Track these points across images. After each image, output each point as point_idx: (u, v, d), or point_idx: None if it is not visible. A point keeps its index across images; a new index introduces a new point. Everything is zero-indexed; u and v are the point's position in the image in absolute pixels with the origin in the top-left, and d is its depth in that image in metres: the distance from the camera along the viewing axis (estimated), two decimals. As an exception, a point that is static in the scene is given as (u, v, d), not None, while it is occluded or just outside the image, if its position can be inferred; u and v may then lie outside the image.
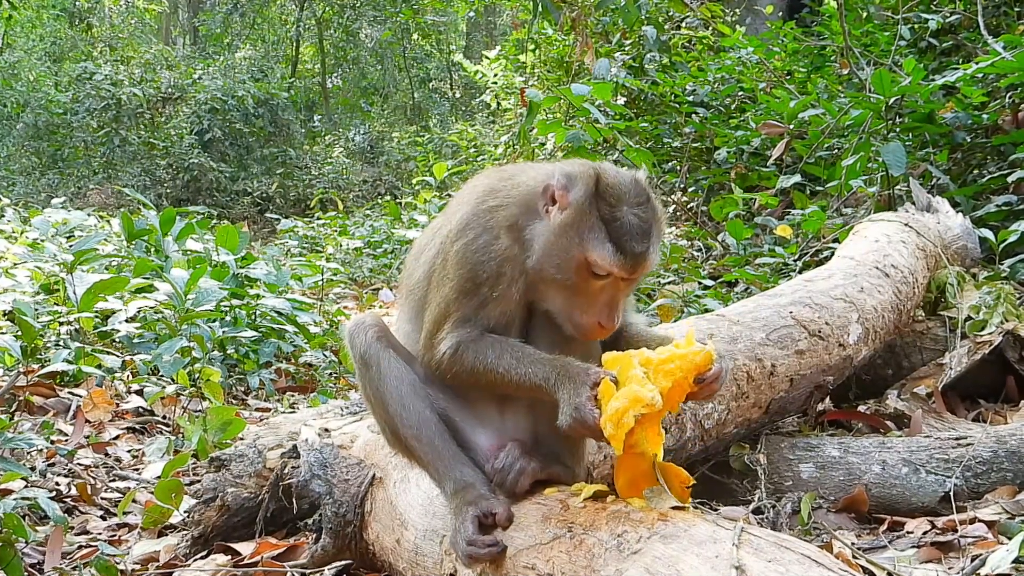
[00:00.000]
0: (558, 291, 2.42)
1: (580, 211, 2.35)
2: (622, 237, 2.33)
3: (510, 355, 2.41)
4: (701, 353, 2.29)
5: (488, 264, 2.44)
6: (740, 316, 3.94)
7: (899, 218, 5.30)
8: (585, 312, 2.39)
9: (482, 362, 2.44)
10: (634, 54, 10.88)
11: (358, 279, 11.14)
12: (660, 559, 2.00)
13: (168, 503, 3.84)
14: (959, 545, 3.20)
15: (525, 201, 2.46)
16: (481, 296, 2.46)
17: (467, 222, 2.49)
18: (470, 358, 2.45)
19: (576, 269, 2.36)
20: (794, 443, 3.90)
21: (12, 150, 21.92)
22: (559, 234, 2.37)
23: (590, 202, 2.35)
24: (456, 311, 2.48)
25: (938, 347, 4.82)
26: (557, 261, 2.38)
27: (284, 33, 27.41)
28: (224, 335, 5.92)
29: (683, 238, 8.41)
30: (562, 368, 2.33)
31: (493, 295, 2.46)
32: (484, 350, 2.44)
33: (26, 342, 5.27)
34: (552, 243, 2.38)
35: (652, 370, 2.26)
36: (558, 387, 2.31)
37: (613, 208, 2.35)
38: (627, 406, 2.19)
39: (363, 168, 23.40)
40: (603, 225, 2.34)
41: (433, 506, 2.76)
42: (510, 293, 2.46)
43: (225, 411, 4.55)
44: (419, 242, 2.77)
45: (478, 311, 2.47)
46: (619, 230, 2.34)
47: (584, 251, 2.34)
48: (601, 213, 2.35)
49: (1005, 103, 6.97)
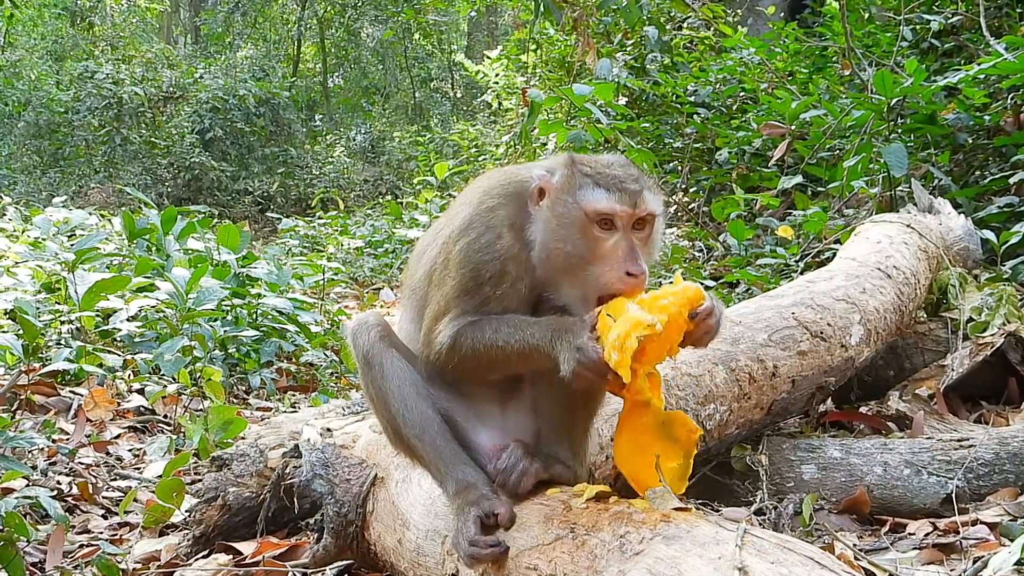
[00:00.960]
0: (573, 267, 2.42)
1: (567, 182, 2.43)
2: (612, 182, 2.42)
3: (506, 326, 2.43)
4: (692, 288, 2.32)
5: (491, 263, 2.46)
6: (742, 317, 3.94)
7: (901, 219, 5.29)
8: (608, 268, 2.39)
9: (480, 341, 2.45)
10: (636, 54, 10.88)
11: (359, 279, 11.14)
12: (663, 560, 2.00)
13: (169, 502, 3.84)
14: (961, 547, 3.19)
15: (520, 201, 2.50)
16: (483, 294, 2.47)
17: (469, 222, 2.51)
18: (468, 342, 2.47)
19: (582, 230, 2.39)
20: (796, 444, 3.89)
21: (13, 149, 21.90)
22: (554, 211, 2.43)
23: (572, 171, 2.45)
24: (456, 307, 2.50)
25: (940, 348, 4.82)
26: (562, 233, 2.41)
27: (286, 32, 27.41)
28: (225, 334, 5.92)
29: (684, 239, 8.40)
30: (557, 323, 2.36)
31: (496, 293, 2.47)
32: (481, 329, 2.46)
33: (27, 341, 5.26)
34: (551, 221, 2.43)
35: (647, 307, 2.26)
36: (556, 341, 2.32)
37: (595, 168, 2.45)
38: (628, 330, 2.18)
39: (364, 168, 23.40)
40: (590, 180, 2.42)
41: (435, 506, 2.76)
42: (513, 291, 2.47)
43: (226, 410, 4.55)
44: (421, 243, 2.78)
45: (479, 309, 2.48)
46: (607, 179, 2.42)
47: (581, 207, 2.39)
48: (585, 173, 2.44)
49: (1007, 104, 6.96)
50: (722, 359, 3.66)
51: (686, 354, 3.53)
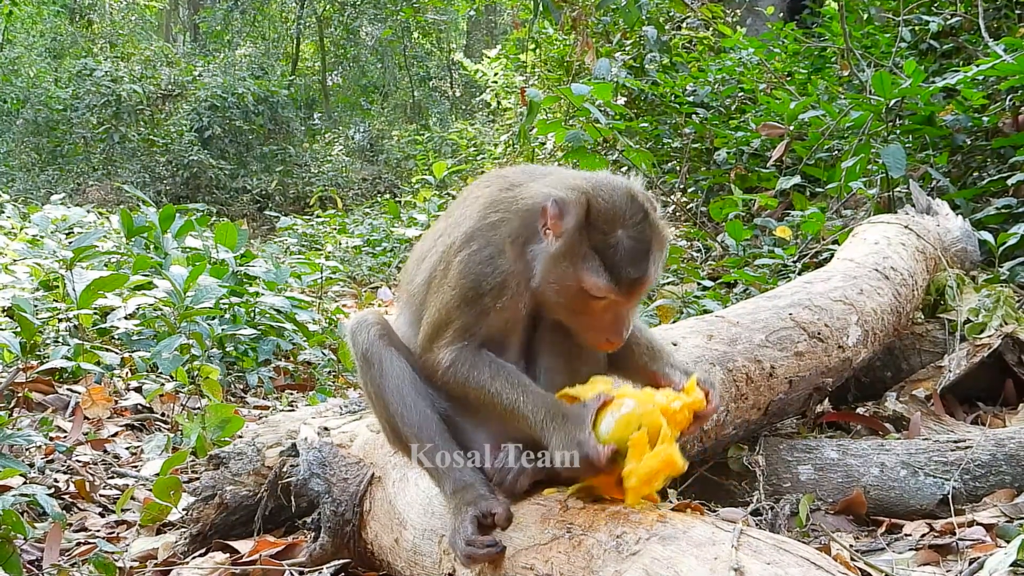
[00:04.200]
0: (563, 311, 2.44)
1: (572, 241, 2.33)
2: (617, 263, 2.30)
3: (504, 380, 2.42)
4: (702, 400, 2.40)
5: (492, 277, 2.44)
6: (739, 317, 3.94)
7: (899, 220, 5.30)
8: (592, 330, 2.42)
9: (475, 380, 2.44)
10: (634, 54, 10.88)
11: (357, 277, 11.14)
12: (659, 560, 2.00)
13: (166, 500, 3.84)
14: (957, 548, 3.20)
15: (526, 219, 2.43)
16: (483, 306, 2.45)
17: (471, 235, 2.48)
18: (462, 377, 2.46)
19: (575, 295, 2.37)
20: (793, 445, 3.90)
21: (12, 146, 21.87)
22: (555, 262, 2.36)
23: (581, 232, 2.32)
24: (457, 319, 2.48)
25: (937, 350, 4.82)
26: (556, 288, 2.38)
27: (284, 30, 27.39)
28: (223, 332, 5.92)
29: (682, 239, 8.41)
30: (554, 406, 2.36)
31: (496, 306, 2.45)
32: (479, 369, 2.45)
33: (25, 338, 5.26)
34: (550, 270, 2.37)
35: (668, 420, 2.28)
36: (549, 425, 2.33)
37: (607, 235, 2.32)
38: (662, 470, 2.22)
39: (363, 166, 23.36)
40: (596, 254, 2.31)
41: (432, 506, 2.76)
42: (513, 305, 2.46)
43: (224, 409, 4.55)
44: (420, 247, 2.75)
45: (479, 320, 2.46)
46: (613, 256, 2.31)
47: (579, 280, 2.34)
48: (593, 241, 2.32)
49: (1005, 106, 6.97)
50: (719, 359, 3.67)
51: (683, 355, 3.55)
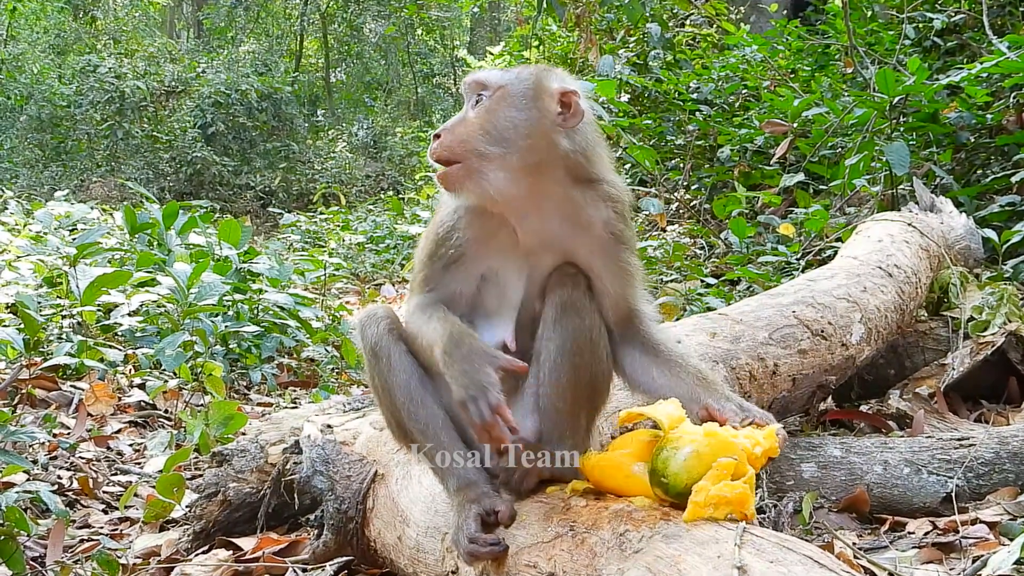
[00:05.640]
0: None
1: None
2: None
3: (425, 317, 2.50)
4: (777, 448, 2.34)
5: (444, 227, 2.57)
6: (743, 315, 3.94)
7: (902, 218, 5.29)
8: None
9: (414, 323, 2.53)
10: (638, 51, 10.85)
11: (360, 274, 11.15)
12: (662, 559, 2.00)
13: (170, 497, 3.85)
14: (960, 546, 3.20)
15: None
16: (439, 256, 2.56)
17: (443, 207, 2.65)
18: (412, 322, 2.55)
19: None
20: (796, 442, 3.89)
21: (15, 142, 21.86)
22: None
23: None
24: (420, 272, 2.61)
25: (940, 347, 4.82)
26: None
27: (288, 27, 27.39)
28: (226, 329, 5.93)
29: (686, 236, 8.40)
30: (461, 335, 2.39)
31: (449, 253, 2.54)
32: (423, 310, 2.53)
33: (28, 335, 5.28)
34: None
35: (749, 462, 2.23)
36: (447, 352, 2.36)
37: None
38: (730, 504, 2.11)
39: (366, 163, 23.35)
40: None
41: (435, 503, 2.76)
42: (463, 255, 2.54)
43: (227, 406, 4.55)
44: None
45: (440, 274, 2.56)
46: None
47: None
48: None
49: (1009, 103, 6.94)
50: (723, 357, 3.66)
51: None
